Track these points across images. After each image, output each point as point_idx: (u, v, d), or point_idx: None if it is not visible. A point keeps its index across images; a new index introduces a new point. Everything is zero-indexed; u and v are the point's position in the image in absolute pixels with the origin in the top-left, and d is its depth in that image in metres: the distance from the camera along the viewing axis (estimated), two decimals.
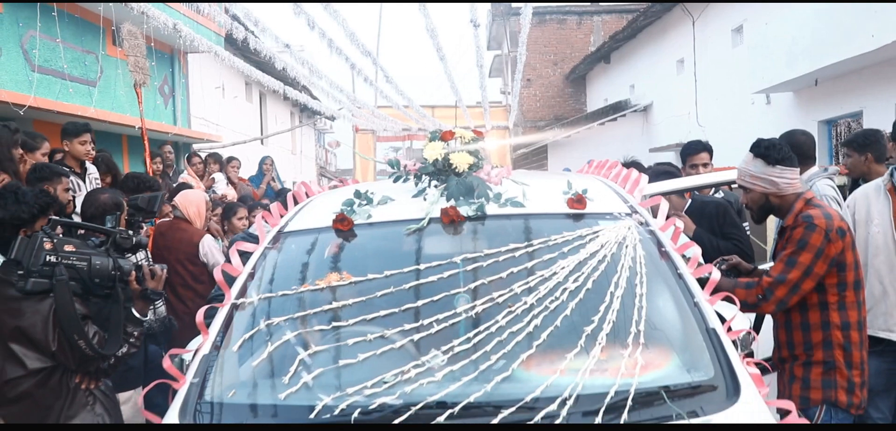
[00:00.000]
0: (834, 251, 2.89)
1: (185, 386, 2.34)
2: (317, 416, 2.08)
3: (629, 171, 3.38)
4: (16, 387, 2.72)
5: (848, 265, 2.92)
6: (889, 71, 9.98)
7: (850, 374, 2.91)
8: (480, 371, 2.19)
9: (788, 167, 3.04)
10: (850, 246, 2.94)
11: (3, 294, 2.72)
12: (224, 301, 2.67)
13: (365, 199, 3.01)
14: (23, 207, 2.75)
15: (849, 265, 2.92)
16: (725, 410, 2.06)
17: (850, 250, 2.93)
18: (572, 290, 2.44)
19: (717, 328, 2.37)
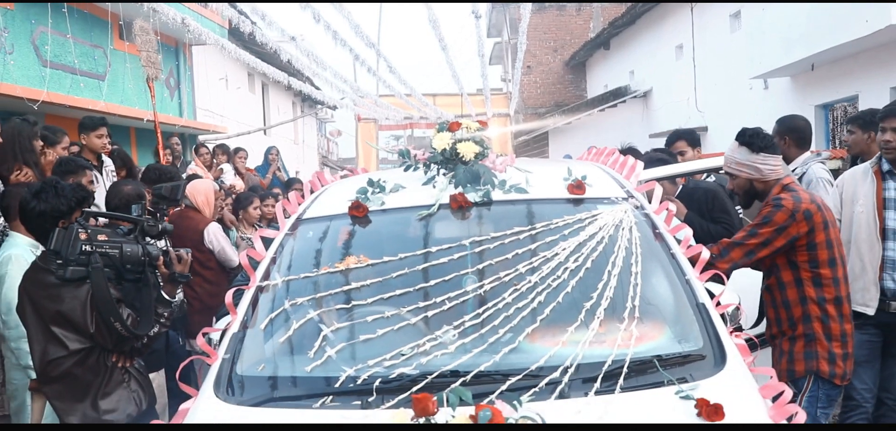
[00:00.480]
0: (796, 231, 3.10)
1: (218, 361, 2.54)
2: (341, 385, 2.29)
3: (626, 158, 3.58)
4: (58, 366, 2.93)
5: (819, 245, 3.12)
6: (884, 55, 10.14)
7: (831, 346, 3.12)
8: (489, 344, 2.39)
9: (771, 155, 3.25)
10: (821, 227, 3.12)
11: (44, 281, 2.93)
12: (249, 284, 2.87)
13: (378, 187, 3.20)
14: (62, 200, 2.96)
15: (820, 244, 3.12)
16: (712, 376, 2.26)
17: (821, 231, 3.12)
18: (573, 269, 2.64)
19: (707, 303, 2.57)
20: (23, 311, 3.04)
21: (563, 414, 2.03)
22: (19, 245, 3.95)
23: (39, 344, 2.96)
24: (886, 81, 10.08)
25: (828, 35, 10.37)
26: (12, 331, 3.87)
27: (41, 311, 2.94)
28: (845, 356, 3.14)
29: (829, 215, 3.20)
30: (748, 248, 3.15)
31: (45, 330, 2.92)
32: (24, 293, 3.03)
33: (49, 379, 2.96)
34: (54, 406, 3.02)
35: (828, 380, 3.13)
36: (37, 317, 2.95)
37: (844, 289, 3.18)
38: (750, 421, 2.07)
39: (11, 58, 8.00)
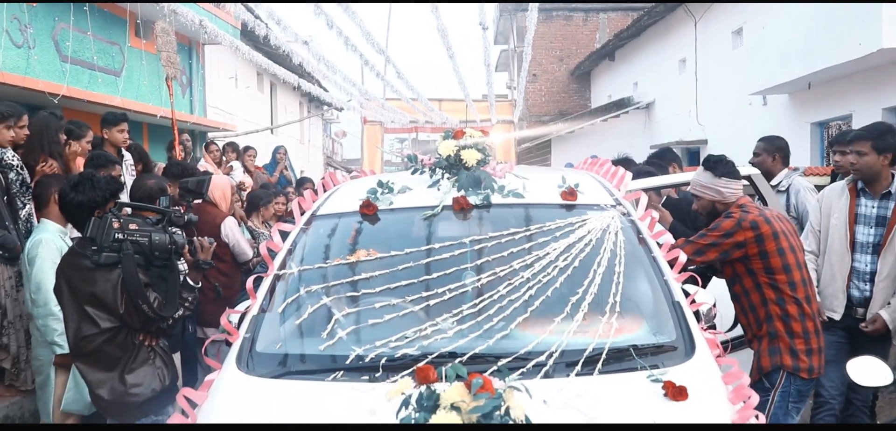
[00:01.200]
0: (742, 237, 3.42)
1: (239, 340, 2.83)
2: (350, 363, 2.57)
3: (617, 169, 3.86)
4: (90, 343, 3.21)
5: (770, 253, 3.42)
6: (877, 77, 10.43)
7: (792, 342, 3.40)
8: (484, 330, 2.67)
9: (732, 179, 3.58)
10: (770, 237, 3.42)
11: (79, 265, 3.21)
12: (268, 272, 3.16)
13: (386, 188, 3.49)
14: (97, 192, 3.25)
15: (771, 253, 3.42)
16: (682, 364, 2.54)
17: (770, 241, 3.42)
18: (562, 267, 2.92)
19: (681, 301, 2.86)
20: (60, 292, 3.32)
21: (546, 391, 2.30)
22: (49, 230, 4.25)
23: (74, 322, 3.24)
24: (879, 101, 10.37)
25: (823, 55, 10.66)
26: (40, 309, 4.16)
27: (76, 292, 3.21)
28: (809, 351, 3.41)
29: (780, 227, 3.48)
30: (698, 246, 3.47)
31: (80, 310, 3.20)
32: (61, 276, 3.30)
33: (82, 354, 3.24)
34: (86, 377, 3.29)
35: (797, 376, 3.41)
36: (72, 298, 3.23)
37: (803, 291, 3.46)
38: (711, 403, 2.35)
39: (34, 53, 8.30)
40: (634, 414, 2.23)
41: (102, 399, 3.25)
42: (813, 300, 3.53)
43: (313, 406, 2.39)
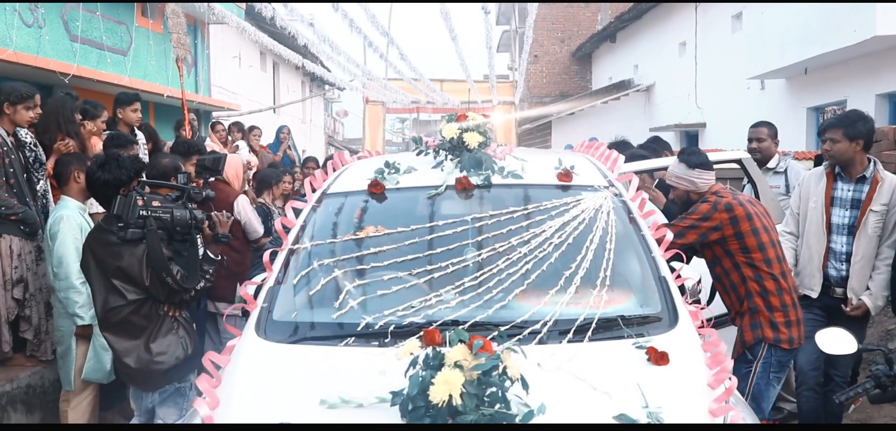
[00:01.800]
0: (719, 219, 3.66)
1: (257, 309, 3.05)
2: (361, 329, 2.79)
3: (611, 152, 4.08)
4: (118, 314, 3.43)
5: (745, 234, 3.65)
6: (871, 63, 10.62)
7: (772, 315, 3.63)
8: (484, 301, 2.90)
9: (706, 170, 3.81)
10: (744, 218, 3.65)
11: (106, 241, 3.42)
12: (282, 247, 3.38)
13: (393, 168, 3.70)
14: (122, 171, 3.45)
15: (746, 233, 3.65)
16: (665, 333, 2.76)
17: (744, 222, 3.65)
18: (557, 244, 3.14)
19: (667, 276, 3.08)
20: (87, 266, 3.53)
21: (541, 355, 2.53)
22: (70, 207, 4.46)
23: (101, 295, 3.45)
24: (872, 87, 10.57)
25: (819, 41, 10.85)
26: (61, 282, 4.38)
27: (104, 266, 3.42)
28: (788, 323, 3.64)
29: (752, 210, 3.71)
30: (679, 229, 3.68)
31: (107, 283, 3.42)
32: (88, 251, 3.52)
33: (109, 325, 3.46)
34: (113, 347, 3.51)
35: (777, 346, 3.64)
36: (100, 271, 3.45)
37: (778, 267, 3.69)
38: (691, 367, 2.57)
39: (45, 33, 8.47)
40: (620, 376, 2.46)
41: (129, 367, 3.47)
42: (788, 275, 3.76)
43: (327, 368, 2.61)
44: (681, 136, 18.42)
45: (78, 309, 4.36)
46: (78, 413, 4.55)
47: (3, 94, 4.90)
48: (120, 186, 3.44)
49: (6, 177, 4.77)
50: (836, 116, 4.30)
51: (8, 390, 4.74)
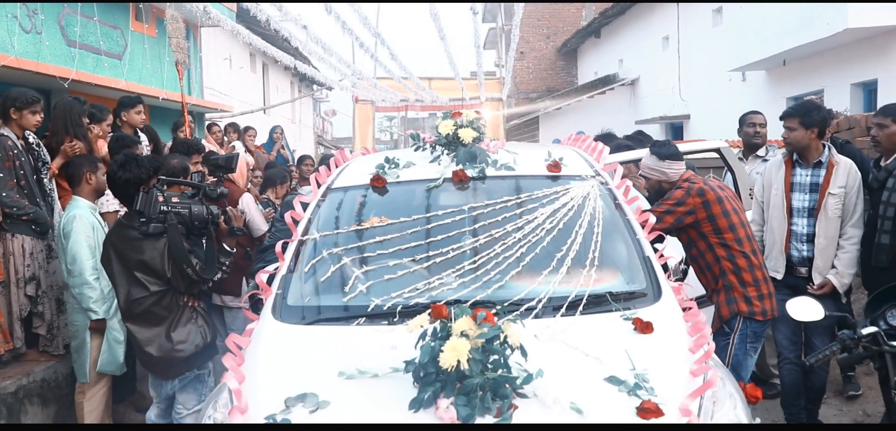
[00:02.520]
0: (692, 203, 3.92)
1: (273, 296, 3.28)
2: (371, 311, 3.04)
3: (596, 144, 4.34)
4: (140, 305, 3.65)
5: (716, 216, 3.91)
6: (845, 55, 10.97)
7: (745, 290, 3.90)
8: (482, 282, 3.15)
9: (676, 161, 4.07)
10: (715, 202, 3.92)
11: (128, 236, 3.64)
12: (292, 238, 3.61)
13: (393, 164, 3.94)
14: (142, 170, 3.67)
15: (718, 215, 3.91)
16: (650, 306, 3.02)
17: (715, 205, 3.91)
18: (548, 229, 3.39)
19: (651, 257, 3.34)
20: (108, 261, 3.74)
21: (537, 328, 2.78)
22: (81, 207, 4.67)
23: (124, 288, 3.67)
24: (847, 77, 10.92)
25: (796, 34, 11.19)
26: (76, 279, 4.59)
27: (126, 260, 3.64)
28: (761, 296, 3.91)
29: (722, 194, 3.98)
30: (657, 213, 3.92)
31: (130, 276, 3.64)
32: (109, 246, 3.73)
33: (132, 315, 3.68)
34: (135, 336, 3.73)
35: (751, 319, 3.91)
36: (122, 265, 3.66)
37: (749, 245, 3.97)
38: (673, 335, 2.83)
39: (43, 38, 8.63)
40: (609, 344, 2.71)
41: (151, 356, 3.69)
42: (758, 252, 4.03)
43: (342, 345, 2.86)
44: (666, 128, 18.76)
45: (92, 304, 4.57)
46: (93, 405, 4.76)
47: (9, 99, 5.09)
48: (140, 183, 3.65)
49: (17, 179, 4.97)
50: (793, 106, 4.56)
51: (25, 384, 4.95)
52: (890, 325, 3.26)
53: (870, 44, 10.67)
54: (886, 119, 4.52)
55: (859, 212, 4.37)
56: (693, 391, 2.50)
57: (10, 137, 4.99)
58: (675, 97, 17.95)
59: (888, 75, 10.47)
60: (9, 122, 5.05)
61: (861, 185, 4.38)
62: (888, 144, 4.50)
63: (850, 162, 4.41)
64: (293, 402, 2.48)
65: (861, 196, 4.38)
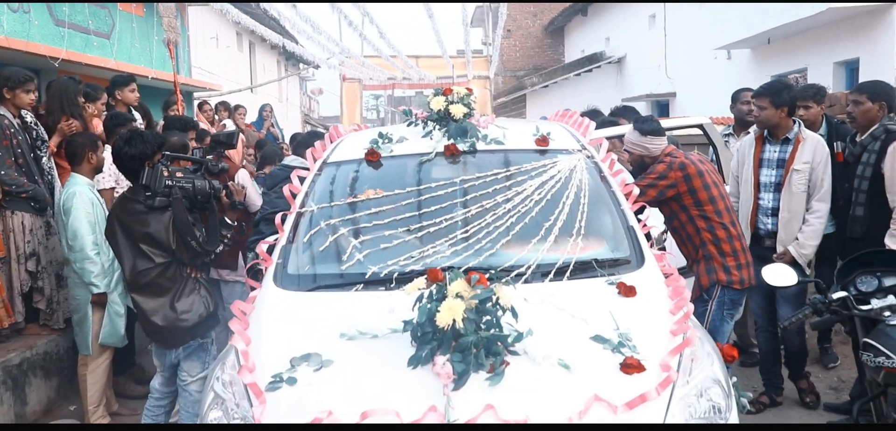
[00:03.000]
0: (674, 177, 4.09)
1: (273, 265, 3.42)
2: (369, 277, 3.18)
3: (583, 119, 4.49)
4: (145, 276, 3.76)
5: (697, 189, 4.08)
6: (828, 33, 11.16)
7: (724, 260, 4.08)
8: (474, 251, 3.30)
9: (657, 137, 4.22)
10: (696, 175, 4.08)
11: (133, 210, 3.75)
12: (291, 210, 3.75)
13: (386, 139, 4.07)
14: (147, 146, 3.78)
15: (698, 189, 4.08)
16: (633, 272, 3.19)
17: (696, 178, 4.08)
18: (537, 200, 3.54)
19: (634, 226, 3.50)
20: (113, 234, 3.85)
21: (526, 292, 2.94)
22: (80, 184, 4.77)
23: (129, 260, 3.78)
24: (830, 56, 11.11)
25: (780, 12, 11.37)
26: (77, 254, 4.70)
27: (131, 233, 3.75)
28: (739, 266, 4.09)
29: (702, 167, 4.15)
30: (640, 186, 4.06)
31: (135, 248, 3.75)
32: (114, 220, 3.84)
33: (138, 286, 3.80)
34: (140, 307, 3.85)
35: (729, 287, 4.10)
36: (127, 238, 3.77)
37: (728, 217, 4.14)
38: (654, 298, 3.00)
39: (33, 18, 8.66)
40: (594, 306, 2.88)
41: (156, 325, 3.81)
42: (737, 223, 4.21)
43: (342, 309, 3.01)
44: (652, 105, 18.93)
45: (93, 278, 4.68)
46: (96, 376, 4.89)
47: (2, 79, 5.17)
48: (145, 159, 3.76)
49: (14, 157, 5.06)
50: (764, 86, 4.70)
51: (28, 356, 5.08)
52: (859, 291, 3.46)
53: (852, 23, 10.85)
54: (862, 96, 4.69)
55: (826, 187, 4.48)
56: (673, 348, 2.67)
57: (6, 117, 5.07)
58: (662, 75, 18.11)
59: (870, 54, 10.67)
60: (3, 101, 5.13)
61: (828, 160, 4.50)
62: (863, 121, 4.67)
63: (818, 139, 4.55)
64: (298, 361, 2.63)
65: (828, 172, 4.49)
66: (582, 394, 2.42)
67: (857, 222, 4.60)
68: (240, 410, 2.60)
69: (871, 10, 10.27)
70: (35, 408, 5.14)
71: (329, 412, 2.38)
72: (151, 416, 4.19)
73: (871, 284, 3.46)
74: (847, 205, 4.70)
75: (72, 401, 5.41)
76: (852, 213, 4.62)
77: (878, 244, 4.38)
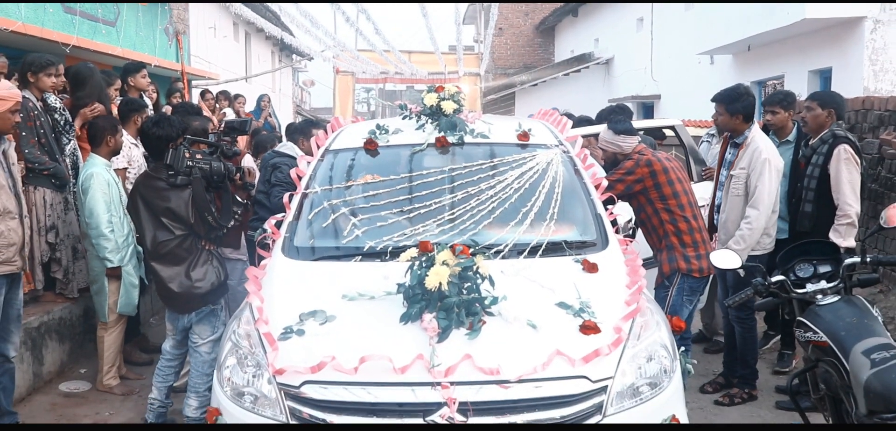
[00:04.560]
0: (640, 173, 4.56)
1: (281, 238, 3.87)
2: (367, 250, 3.64)
3: (561, 118, 4.97)
4: (165, 247, 4.19)
5: (662, 184, 4.54)
6: (803, 43, 11.69)
7: (685, 251, 4.55)
8: (459, 230, 3.76)
9: (629, 136, 4.70)
10: (661, 172, 4.54)
11: (155, 186, 4.19)
12: (296, 191, 4.19)
13: (383, 130, 4.52)
14: (173, 129, 4.22)
15: (663, 184, 4.54)
16: (597, 253, 3.66)
17: (661, 174, 4.53)
18: (516, 188, 4.01)
19: (602, 214, 3.97)
20: (135, 208, 4.27)
21: (503, 266, 3.41)
22: (98, 165, 5.20)
23: (150, 232, 4.21)
24: (805, 64, 11.65)
25: (759, 21, 11.89)
26: (93, 231, 5.13)
27: (153, 207, 4.18)
28: (698, 256, 4.56)
29: (668, 165, 4.61)
30: (610, 181, 4.52)
31: (156, 221, 4.18)
32: (136, 195, 4.27)
33: (158, 256, 4.22)
34: (159, 275, 4.26)
35: (689, 275, 4.57)
36: (149, 212, 4.20)
37: (690, 211, 4.59)
38: (614, 274, 3.47)
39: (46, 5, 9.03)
40: (561, 279, 3.34)
41: (172, 292, 4.24)
42: (699, 217, 4.68)
43: (343, 275, 3.46)
44: (638, 107, 19.45)
45: (108, 253, 5.11)
46: (111, 339, 5.34)
47: (26, 64, 5.58)
48: (169, 141, 4.20)
49: (37, 137, 5.47)
50: (721, 92, 5.03)
51: (46, 321, 5.51)
52: (797, 276, 3.94)
53: (826, 34, 11.38)
54: (814, 103, 5.17)
55: (758, 194, 4.68)
56: (625, 315, 3.14)
57: (30, 99, 5.47)
58: (648, 77, 18.64)
59: (841, 64, 11.20)
60: (28, 85, 5.54)
61: (764, 168, 4.68)
62: (814, 125, 5.14)
63: (757, 146, 4.76)
64: (306, 317, 3.09)
65: (763, 180, 4.67)
66: (546, 349, 2.88)
67: (806, 218, 5.08)
68: (255, 356, 3.06)
69: (843, 22, 10.80)
70: (50, 369, 5.57)
71: (332, 357, 2.84)
72: (162, 375, 4.61)
73: (807, 270, 3.93)
74: (798, 202, 5.18)
75: (82, 365, 5.86)
76: (802, 209, 5.11)
77: (824, 238, 4.84)
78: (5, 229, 4.07)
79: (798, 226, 5.14)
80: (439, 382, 2.76)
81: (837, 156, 4.88)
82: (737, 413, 4.96)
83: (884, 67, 10.51)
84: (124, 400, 5.28)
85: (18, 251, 4.20)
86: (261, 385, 3.00)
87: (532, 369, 2.82)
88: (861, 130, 6.99)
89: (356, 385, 2.81)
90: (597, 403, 2.87)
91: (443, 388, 2.75)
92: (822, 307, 3.65)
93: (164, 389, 4.59)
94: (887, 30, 10.49)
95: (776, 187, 4.82)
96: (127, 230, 5.30)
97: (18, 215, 4.21)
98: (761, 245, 4.85)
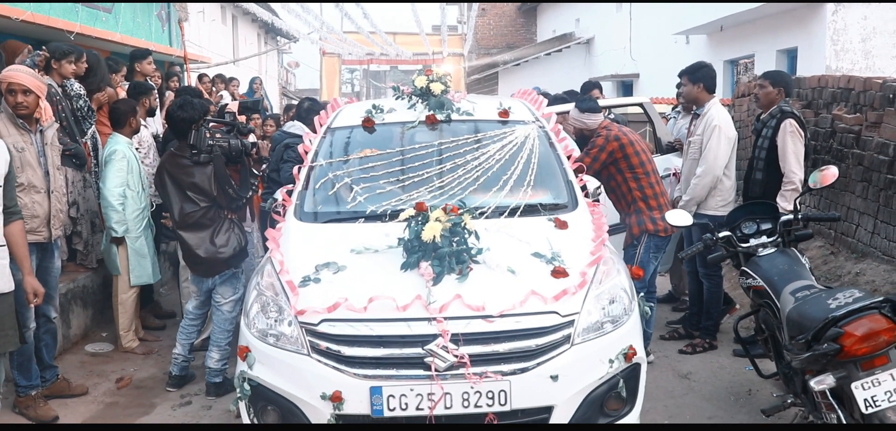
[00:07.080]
0: (610, 148, 5.14)
1: (292, 205, 4.42)
2: (368, 214, 4.19)
3: (538, 97, 5.53)
4: (191, 218, 4.70)
5: (629, 156, 5.14)
6: (772, 23, 12.31)
7: (651, 213, 5.14)
8: (448, 195, 4.32)
9: (593, 113, 5.30)
10: (628, 144, 5.13)
11: (181, 164, 4.70)
12: (303, 164, 4.74)
13: (379, 109, 5.07)
14: (196, 111, 4.73)
15: (631, 155, 5.14)
16: (568, 213, 4.24)
17: (629, 147, 5.13)
18: (498, 159, 4.57)
19: (573, 181, 4.55)
20: (162, 184, 4.76)
21: (486, 224, 3.98)
22: (121, 143, 5.73)
23: (177, 204, 4.71)
24: (773, 44, 12.29)
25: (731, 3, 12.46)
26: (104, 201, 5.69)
27: (179, 183, 4.69)
28: (663, 217, 5.14)
29: (633, 137, 5.20)
30: (585, 162, 5.05)
31: (183, 194, 4.69)
32: (163, 172, 4.77)
33: (185, 225, 4.72)
34: (187, 243, 4.76)
35: (655, 235, 5.17)
36: (175, 186, 4.71)
37: (654, 177, 5.20)
38: (582, 230, 4.05)
39: None
40: (536, 234, 3.92)
41: (199, 257, 4.76)
42: (661, 182, 5.28)
43: (349, 234, 4.01)
44: (617, 86, 20.06)
45: (113, 223, 5.66)
46: (126, 306, 5.89)
47: (48, 51, 6.07)
48: (193, 122, 4.72)
49: (59, 120, 5.96)
50: (687, 67, 5.73)
51: (72, 288, 6.05)
52: (742, 232, 4.54)
53: (792, 15, 12.00)
54: (765, 82, 5.75)
55: (705, 154, 5.43)
56: (589, 262, 3.73)
57: (52, 85, 5.96)
58: (627, 57, 19.24)
59: (806, 44, 11.83)
60: (50, 71, 6.03)
61: (714, 134, 5.43)
62: (765, 101, 5.73)
63: (711, 115, 5.48)
64: (321, 267, 3.65)
65: (711, 145, 5.42)
66: (523, 289, 3.46)
67: (757, 185, 5.69)
68: (277, 302, 3.62)
69: (809, 5, 11.42)
70: (76, 332, 6.11)
71: (345, 298, 3.41)
72: (186, 333, 5.16)
73: (751, 227, 4.54)
74: (750, 170, 5.79)
75: (104, 329, 6.40)
76: (752, 177, 5.71)
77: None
78: (30, 202, 4.57)
79: (749, 192, 5.75)
80: (434, 317, 3.34)
81: (784, 129, 5.47)
82: (699, 360, 5.61)
83: (844, 47, 11.14)
84: (145, 358, 5.84)
85: (45, 223, 4.70)
86: (282, 328, 3.56)
87: (511, 305, 3.40)
88: (817, 106, 7.58)
89: (365, 321, 3.38)
90: (566, 335, 3.46)
91: (437, 322, 3.33)
92: (761, 258, 4.25)
93: (187, 345, 5.14)
94: (847, 12, 11.12)
95: (724, 151, 5.49)
96: (144, 205, 5.83)
97: (45, 190, 4.71)
98: (714, 206, 5.53)
